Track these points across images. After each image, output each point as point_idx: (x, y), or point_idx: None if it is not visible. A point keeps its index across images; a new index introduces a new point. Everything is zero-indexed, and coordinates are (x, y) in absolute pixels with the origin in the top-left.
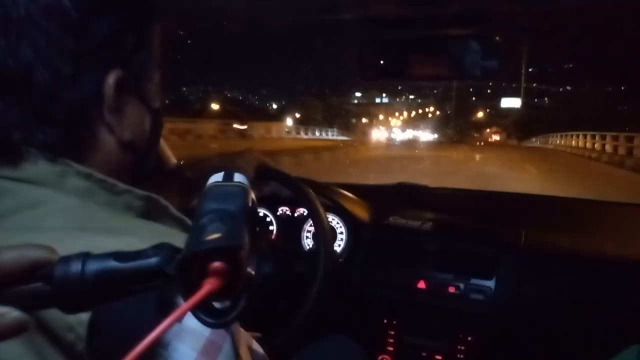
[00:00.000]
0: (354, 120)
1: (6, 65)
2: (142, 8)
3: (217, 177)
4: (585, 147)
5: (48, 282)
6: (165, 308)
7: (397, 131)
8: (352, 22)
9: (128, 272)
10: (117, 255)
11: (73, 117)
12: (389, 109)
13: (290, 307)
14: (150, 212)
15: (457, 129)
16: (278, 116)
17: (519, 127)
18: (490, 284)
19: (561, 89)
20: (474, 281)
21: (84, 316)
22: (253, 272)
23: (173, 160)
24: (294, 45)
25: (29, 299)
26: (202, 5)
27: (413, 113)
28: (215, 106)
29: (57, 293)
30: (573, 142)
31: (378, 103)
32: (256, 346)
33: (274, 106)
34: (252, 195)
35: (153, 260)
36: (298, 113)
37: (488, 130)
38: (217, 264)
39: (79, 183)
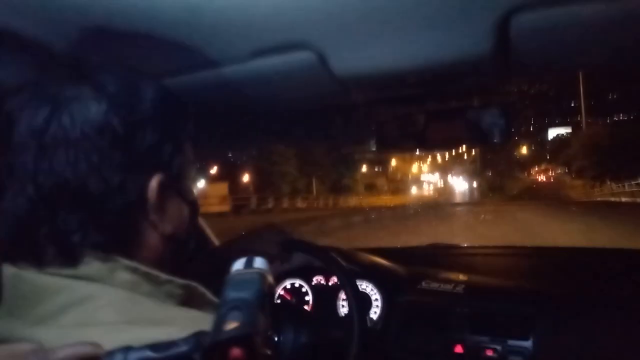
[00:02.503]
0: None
1: (66, 178)
2: (178, 119)
3: (239, 265)
4: None
5: None
6: None
7: (428, 177)
8: (365, 103)
9: None
10: (153, 347)
11: (122, 220)
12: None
13: None
14: (189, 299)
15: (497, 170)
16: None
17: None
18: (528, 344)
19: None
20: (511, 342)
21: None
22: (269, 353)
23: (215, 241)
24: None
25: None
26: (227, 107)
27: (446, 156)
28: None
29: None
30: None
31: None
32: None
33: None
34: (270, 279)
35: (183, 348)
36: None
37: (536, 168)
38: (235, 351)
39: (127, 277)
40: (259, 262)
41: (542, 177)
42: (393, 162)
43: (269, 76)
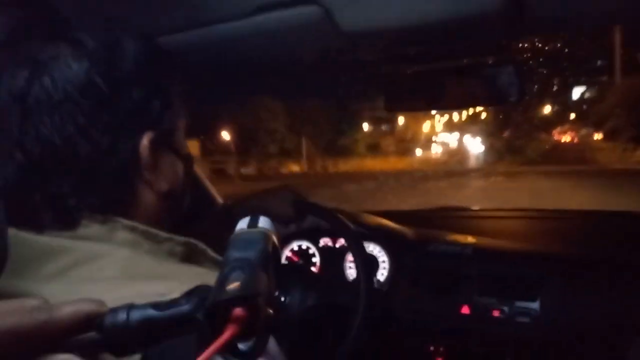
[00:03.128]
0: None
1: (54, 142)
2: (165, 74)
3: (243, 224)
4: None
5: (100, 331)
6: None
7: (443, 137)
8: (373, 61)
9: (165, 319)
10: (156, 305)
11: (116, 181)
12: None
13: (336, 337)
14: (191, 256)
15: (517, 130)
16: None
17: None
18: (536, 305)
19: None
20: (518, 304)
21: (136, 357)
22: (272, 312)
23: (219, 199)
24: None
25: (85, 346)
26: (221, 61)
27: (464, 115)
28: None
29: (107, 340)
30: None
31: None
32: None
33: None
34: (274, 239)
35: (185, 307)
36: None
37: (559, 129)
38: (237, 311)
39: (126, 236)
40: (263, 222)
41: (565, 138)
42: (401, 120)
43: (274, 32)
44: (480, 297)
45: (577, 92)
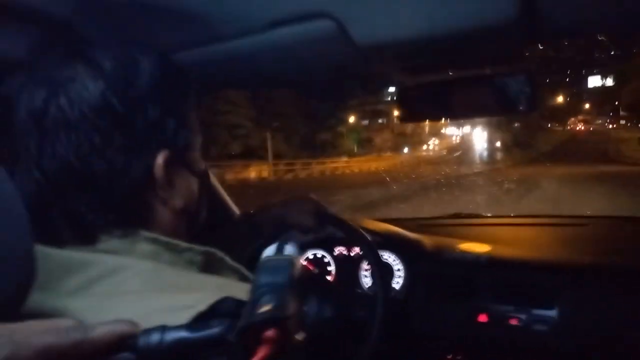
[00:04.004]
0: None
1: (70, 161)
2: (180, 92)
3: (270, 251)
4: None
5: (133, 352)
6: None
7: (451, 130)
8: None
9: (198, 341)
10: (188, 327)
11: (131, 199)
12: None
13: (352, 348)
14: (210, 265)
15: (527, 121)
16: None
17: None
18: (553, 313)
19: None
20: (535, 312)
21: None
22: (302, 336)
23: (235, 210)
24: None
25: None
26: (234, 76)
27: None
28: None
29: None
30: None
31: None
32: None
33: None
34: (299, 264)
35: (217, 330)
36: None
37: (573, 119)
38: (269, 333)
39: (148, 247)
40: (289, 249)
41: (580, 127)
42: (396, 112)
43: (287, 47)
44: (497, 304)
45: (592, 82)
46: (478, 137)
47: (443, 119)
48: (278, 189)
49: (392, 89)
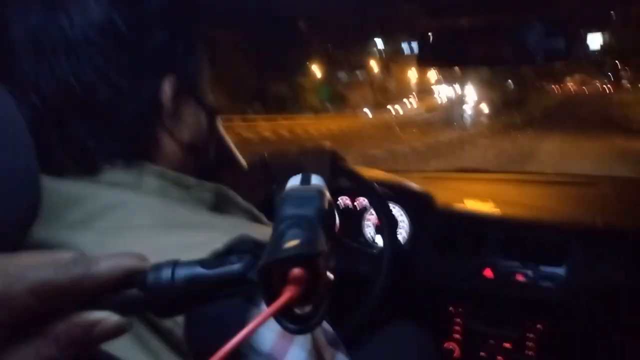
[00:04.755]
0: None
1: (71, 85)
2: (187, 16)
3: (295, 181)
4: None
5: (141, 289)
6: (251, 306)
7: (441, 88)
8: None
9: (214, 278)
10: (204, 263)
11: (136, 126)
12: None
13: (358, 297)
14: (219, 203)
15: (520, 79)
16: None
17: None
18: (561, 270)
19: None
20: (543, 268)
21: (179, 318)
22: (332, 277)
23: (242, 162)
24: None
25: (125, 305)
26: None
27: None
28: None
29: (149, 299)
30: None
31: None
32: (326, 326)
33: None
34: (329, 197)
35: (236, 267)
36: None
37: (568, 78)
38: (296, 272)
39: (154, 182)
40: (316, 180)
41: (577, 88)
42: (374, 65)
43: None
44: (503, 260)
45: (591, 40)
46: (467, 96)
47: (460, 65)
48: None
49: (379, 43)
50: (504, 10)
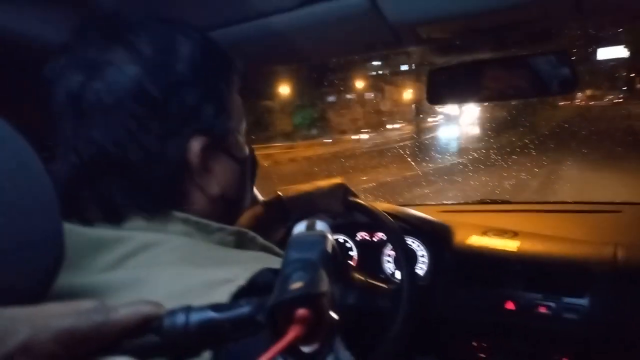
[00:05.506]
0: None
1: (105, 146)
2: (220, 77)
3: (301, 227)
4: None
5: (158, 334)
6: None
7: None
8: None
9: (225, 321)
10: (215, 307)
11: (165, 184)
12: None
13: (378, 333)
14: (242, 244)
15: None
16: None
17: None
18: (584, 302)
19: None
20: (566, 300)
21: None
22: (336, 317)
23: (259, 196)
24: None
25: (143, 349)
26: (263, 55)
27: None
28: None
29: (165, 343)
30: None
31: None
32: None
33: None
34: (332, 241)
35: (246, 309)
36: None
37: (580, 94)
38: (301, 312)
39: (180, 227)
40: (321, 225)
41: (590, 103)
42: (358, 84)
43: (319, 24)
44: (525, 292)
45: (602, 54)
46: (466, 116)
47: (473, 101)
48: None
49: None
50: (518, 44)
